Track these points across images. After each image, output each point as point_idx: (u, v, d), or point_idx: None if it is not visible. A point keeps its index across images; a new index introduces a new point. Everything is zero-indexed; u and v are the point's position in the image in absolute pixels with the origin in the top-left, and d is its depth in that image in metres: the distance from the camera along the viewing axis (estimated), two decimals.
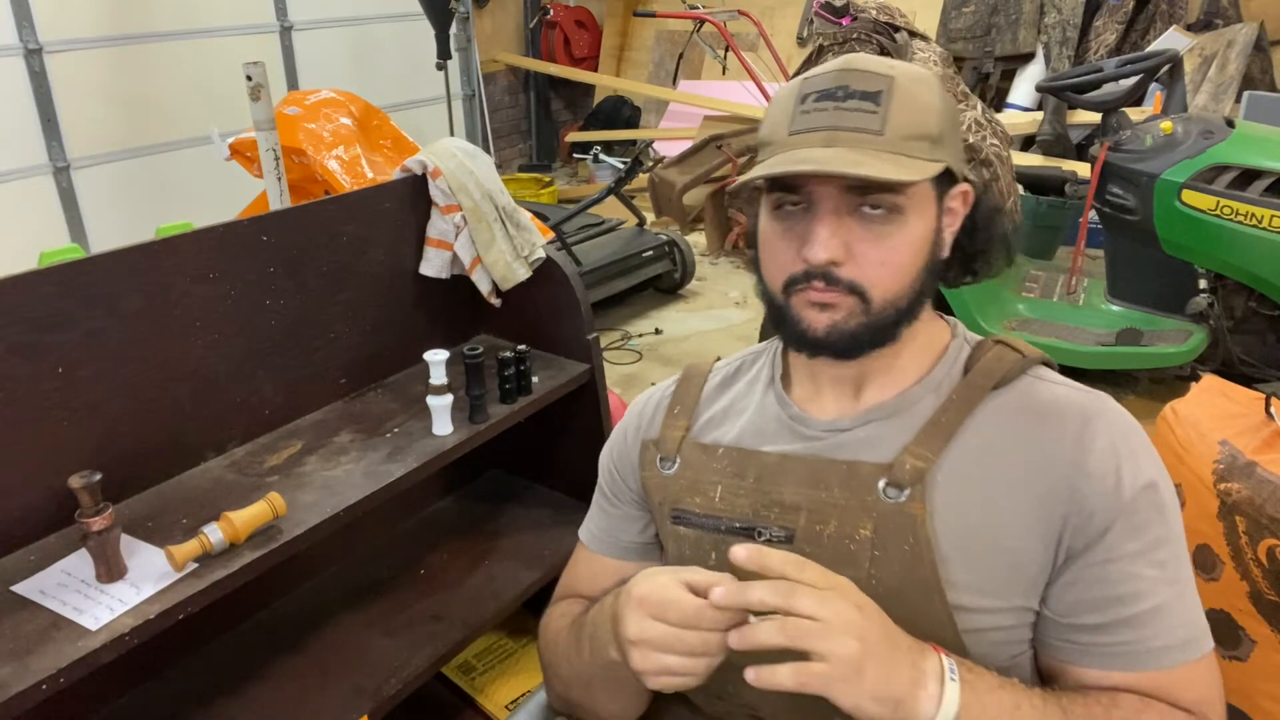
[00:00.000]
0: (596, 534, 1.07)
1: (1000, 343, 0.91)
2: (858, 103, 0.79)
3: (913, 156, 0.79)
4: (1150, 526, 0.80)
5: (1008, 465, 0.82)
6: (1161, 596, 0.79)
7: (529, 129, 6.55)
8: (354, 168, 2.45)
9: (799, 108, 0.82)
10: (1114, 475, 0.79)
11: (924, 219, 0.83)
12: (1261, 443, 1.70)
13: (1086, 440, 0.81)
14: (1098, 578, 0.79)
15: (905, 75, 0.82)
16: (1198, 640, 0.80)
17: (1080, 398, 0.85)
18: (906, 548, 0.81)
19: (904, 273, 0.83)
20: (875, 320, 0.83)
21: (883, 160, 0.78)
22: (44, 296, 1.24)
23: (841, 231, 0.80)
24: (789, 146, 0.81)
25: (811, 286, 0.82)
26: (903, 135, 0.79)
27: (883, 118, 0.79)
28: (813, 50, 2.93)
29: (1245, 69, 4.34)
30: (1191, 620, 0.80)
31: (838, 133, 0.79)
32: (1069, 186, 3.38)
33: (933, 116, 0.82)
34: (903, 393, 0.89)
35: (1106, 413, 0.84)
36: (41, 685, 1.01)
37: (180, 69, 3.96)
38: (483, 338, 1.95)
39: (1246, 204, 2.53)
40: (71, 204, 3.69)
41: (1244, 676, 1.69)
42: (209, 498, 1.37)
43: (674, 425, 0.99)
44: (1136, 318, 2.85)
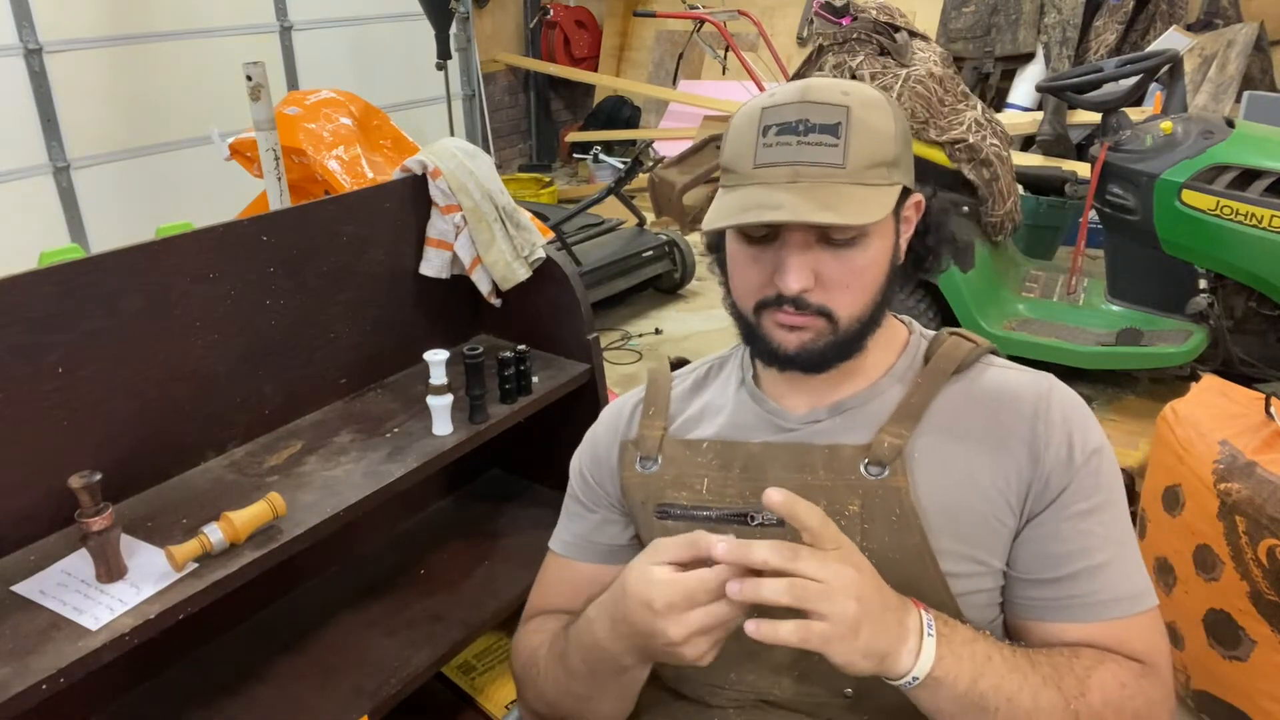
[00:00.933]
0: (573, 541, 1.07)
1: (954, 334, 0.99)
2: (818, 136, 0.83)
3: (873, 184, 0.84)
4: (1098, 489, 0.88)
5: (974, 439, 0.90)
6: (1109, 553, 0.87)
7: (529, 129, 6.55)
8: (354, 168, 2.45)
9: (761, 140, 0.85)
10: (1067, 444, 0.88)
11: (885, 238, 0.89)
12: (1261, 443, 1.70)
13: (1042, 413, 0.89)
14: (1053, 535, 0.87)
15: (860, 102, 0.85)
16: (1143, 594, 0.87)
17: (1032, 378, 0.94)
18: (894, 518, 0.87)
19: (868, 291, 0.89)
20: (843, 337, 0.89)
21: (846, 196, 0.82)
22: (44, 296, 1.24)
23: (810, 261, 0.85)
24: (754, 180, 0.85)
25: (782, 310, 0.88)
26: (863, 165, 0.83)
27: (843, 151, 0.83)
28: (813, 50, 2.94)
29: (1245, 69, 4.34)
30: (1136, 576, 0.88)
31: (801, 169, 0.83)
32: (1069, 186, 3.38)
33: (888, 141, 0.86)
34: (871, 385, 0.95)
35: (1056, 389, 0.92)
36: (41, 685, 1.01)
37: (180, 69, 3.96)
38: (483, 338, 1.95)
39: (1246, 204, 2.53)
40: (71, 204, 3.69)
41: (1244, 676, 1.69)
42: (209, 498, 1.37)
43: (652, 425, 1.01)
44: (1136, 318, 2.85)
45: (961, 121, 2.81)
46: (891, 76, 2.76)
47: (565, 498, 1.10)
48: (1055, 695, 0.80)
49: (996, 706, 0.78)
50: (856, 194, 0.82)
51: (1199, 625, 1.75)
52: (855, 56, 2.79)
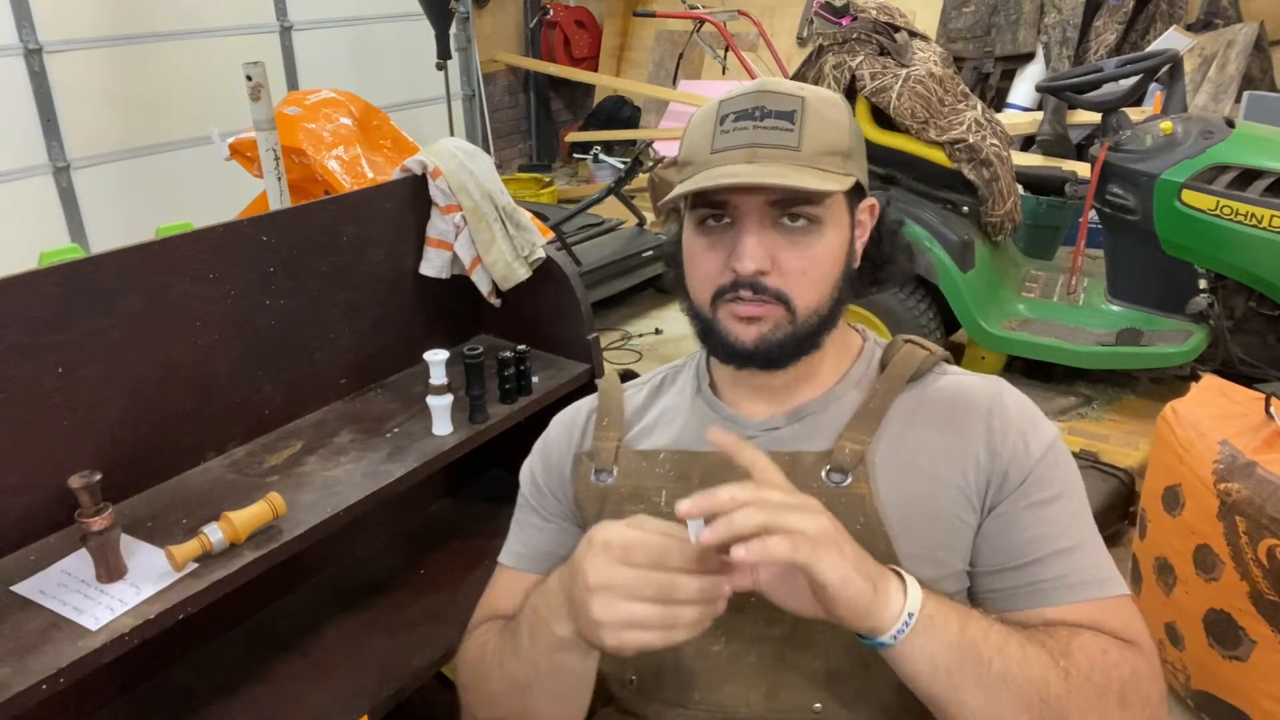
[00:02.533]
0: (525, 553, 1.04)
1: (909, 341, 0.99)
2: (774, 121, 0.85)
3: (828, 170, 0.85)
4: (1055, 480, 0.88)
5: (932, 443, 0.90)
6: (1073, 538, 0.86)
7: (529, 129, 6.55)
8: (354, 168, 2.45)
9: (719, 128, 0.87)
10: (1022, 439, 0.88)
11: (840, 230, 0.90)
12: (1261, 443, 1.70)
13: (996, 410, 0.90)
14: (1015, 524, 0.87)
15: (815, 96, 0.88)
16: (1114, 580, 0.86)
17: (984, 382, 0.95)
18: (858, 526, 0.86)
19: (825, 281, 0.89)
20: (800, 328, 0.88)
21: (802, 173, 0.83)
22: (44, 296, 1.24)
23: (766, 243, 0.86)
24: (712, 164, 0.85)
25: (739, 297, 0.87)
26: (818, 151, 0.85)
27: (799, 135, 0.85)
28: (813, 50, 2.94)
29: (1245, 69, 4.34)
30: (1103, 563, 0.87)
31: (758, 149, 0.84)
32: (1069, 186, 3.37)
33: (843, 134, 0.88)
34: (828, 391, 0.95)
35: (1007, 391, 0.93)
36: (41, 685, 1.01)
37: (180, 69, 3.96)
38: (483, 338, 1.95)
39: (1246, 204, 2.52)
40: (71, 204, 3.69)
41: (1244, 676, 1.69)
42: (209, 498, 1.37)
43: (606, 437, 1.00)
44: (1136, 318, 2.85)
45: (961, 121, 2.81)
46: (891, 76, 2.76)
47: (516, 510, 1.07)
48: (1041, 652, 0.78)
49: (990, 657, 0.76)
50: (810, 174, 0.83)
51: (1199, 625, 1.75)
52: (855, 56, 2.79)
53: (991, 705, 0.75)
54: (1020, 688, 0.75)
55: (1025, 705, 0.75)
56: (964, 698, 0.75)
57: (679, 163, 0.92)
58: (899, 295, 2.86)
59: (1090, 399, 2.89)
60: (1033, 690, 0.76)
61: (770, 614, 0.87)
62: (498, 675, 0.90)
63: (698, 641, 0.87)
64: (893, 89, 2.75)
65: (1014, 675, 0.75)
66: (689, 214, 0.90)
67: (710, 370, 1.01)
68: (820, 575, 0.69)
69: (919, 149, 2.84)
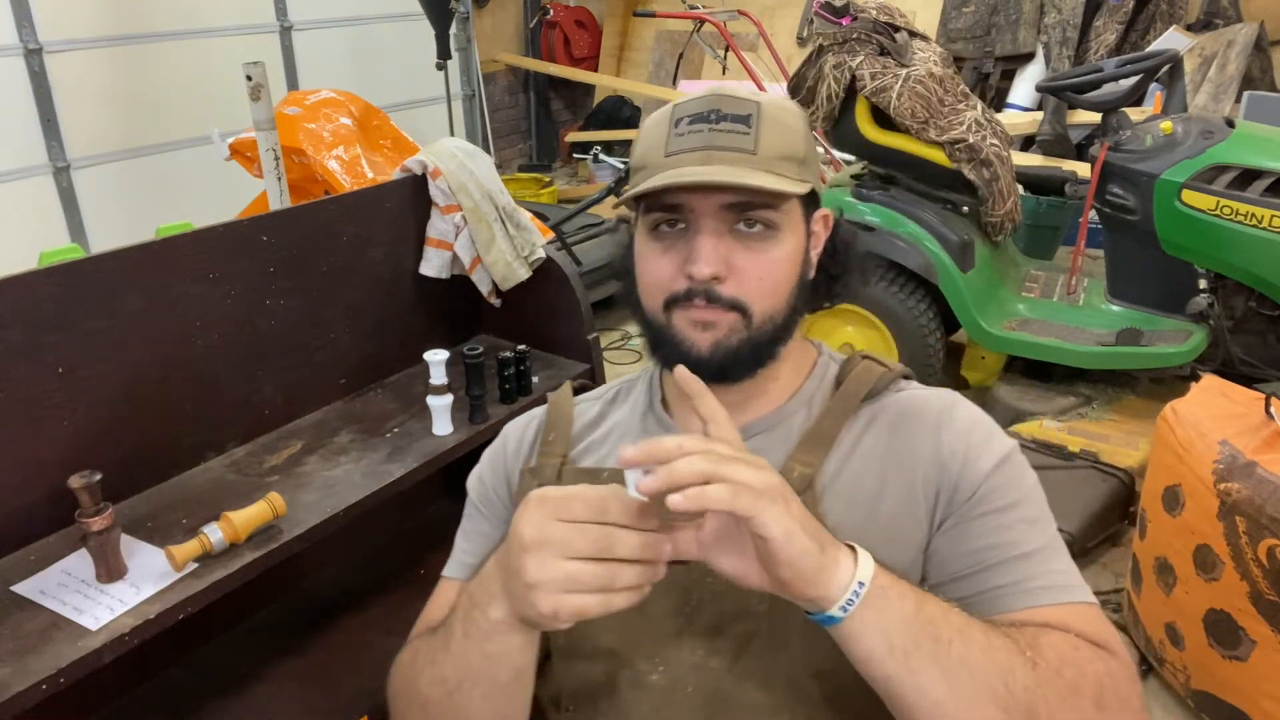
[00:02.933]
0: (473, 562, 0.99)
1: (866, 358, 0.96)
2: (730, 125, 0.83)
3: (784, 175, 0.83)
4: (1011, 489, 0.84)
5: (883, 464, 0.87)
6: (1034, 544, 0.82)
7: (529, 129, 6.55)
8: (354, 168, 2.45)
9: (673, 131, 0.85)
10: (974, 450, 0.85)
11: (796, 236, 0.87)
12: (1261, 443, 1.70)
13: (946, 425, 0.87)
14: (966, 534, 0.83)
15: (771, 102, 0.86)
16: (1079, 588, 0.82)
17: (935, 395, 0.92)
18: None
19: (781, 288, 0.86)
20: (756, 336, 0.85)
21: (758, 177, 0.81)
22: (44, 296, 1.24)
23: (722, 248, 0.83)
24: (666, 167, 0.83)
25: (694, 304, 0.84)
26: (774, 155, 0.83)
27: (755, 139, 0.83)
28: (813, 50, 2.94)
29: (1245, 69, 4.34)
30: (1067, 571, 0.82)
31: (714, 152, 0.82)
32: (1069, 186, 3.37)
33: (799, 140, 0.86)
34: (778, 408, 0.92)
35: (959, 403, 0.90)
36: (41, 685, 1.01)
37: (180, 69, 3.96)
38: (483, 338, 1.95)
39: (1246, 204, 2.52)
40: (71, 204, 3.69)
41: (1244, 676, 1.69)
42: (209, 498, 1.37)
43: (550, 453, 0.97)
44: (1136, 318, 2.85)
45: (961, 121, 2.81)
46: (891, 76, 2.76)
47: (463, 521, 1.04)
48: (1006, 640, 0.72)
49: (949, 638, 0.70)
50: (767, 178, 0.81)
51: (1199, 625, 1.75)
52: (855, 56, 2.79)
53: (954, 692, 0.69)
54: (985, 674, 0.70)
55: (990, 694, 0.69)
56: (922, 682, 0.69)
57: (631, 168, 0.89)
58: (899, 295, 2.86)
59: (1090, 399, 2.89)
60: (997, 678, 0.70)
61: (710, 643, 0.85)
62: (427, 677, 0.84)
63: (635, 670, 0.86)
64: (893, 89, 2.75)
65: (976, 660, 0.70)
66: (641, 219, 0.88)
67: (662, 385, 0.97)
68: (762, 528, 0.65)
69: (919, 149, 2.84)
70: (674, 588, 0.86)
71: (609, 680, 0.88)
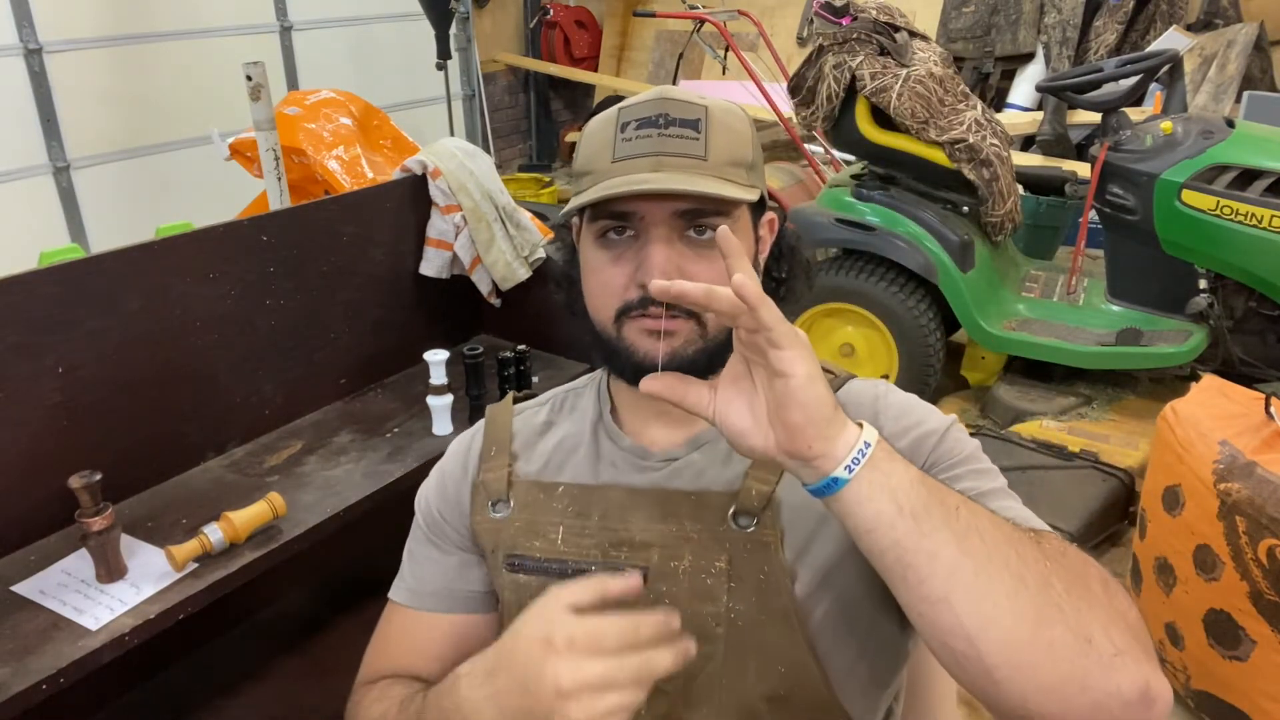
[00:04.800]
0: (424, 590, 0.96)
1: None
2: (679, 129, 0.81)
3: (734, 181, 0.81)
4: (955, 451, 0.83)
5: None
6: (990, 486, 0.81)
7: (529, 129, 6.55)
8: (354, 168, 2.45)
9: (620, 135, 0.82)
10: (916, 429, 0.84)
11: (746, 243, 0.85)
12: (1261, 443, 1.70)
13: (882, 409, 0.86)
14: None
15: (718, 106, 0.84)
16: (1038, 521, 0.78)
17: (869, 384, 0.91)
18: (761, 577, 0.81)
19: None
20: (711, 344, 0.82)
21: (711, 183, 0.79)
22: (44, 296, 1.24)
23: (674, 256, 0.80)
24: (614, 174, 0.81)
25: (647, 314, 0.81)
26: (724, 161, 0.81)
27: (705, 144, 0.81)
28: (813, 50, 2.94)
29: (1245, 69, 4.34)
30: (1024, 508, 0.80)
31: (664, 158, 0.80)
32: (1069, 186, 3.37)
33: (747, 145, 0.84)
34: None
35: (891, 390, 0.90)
36: (41, 685, 1.01)
37: (180, 69, 3.96)
38: (483, 338, 1.95)
39: (1246, 204, 2.53)
40: (71, 204, 3.69)
41: (1244, 676, 1.69)
42: (209, 498, 1.37)
43: (495, 466, 0.94)
44: (1136, 318, 2.85)
45: (961, 121, 2.81)
46: (891, 76, 2.76)
47: (409, 543, 1.00)
48: (1011, 524, 0.69)
49: (957, 504, 0.66)
50: (717, 184, 0.79)
51: (1199, 625, 1.75)
52: (855, 56, 2.79)
53: (968, 556, 0.64)
54: (996, 541, 0.65)
55: (1003, 561, 0.64)
56: (935, 545, 0.64)
57: (573, 174, 0.87)
58: (899, 295, 2.86)
59: (1090, 399, 2.89)
60: (1009, 546, 0.65)
61: None
62: None
63: None
64: (893, 89, 2.75)
65: (986, 528, 0.66)
66: (587, 227, 0.85)
67: (611, 394, 0.95)
68: (790, 363, 0.63)
69: (919, 149, 2.84)
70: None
71: None
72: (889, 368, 2.94)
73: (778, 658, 0.81)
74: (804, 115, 2.99)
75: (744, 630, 0.79)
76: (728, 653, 0.82)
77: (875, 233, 2.87)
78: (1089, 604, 0.65)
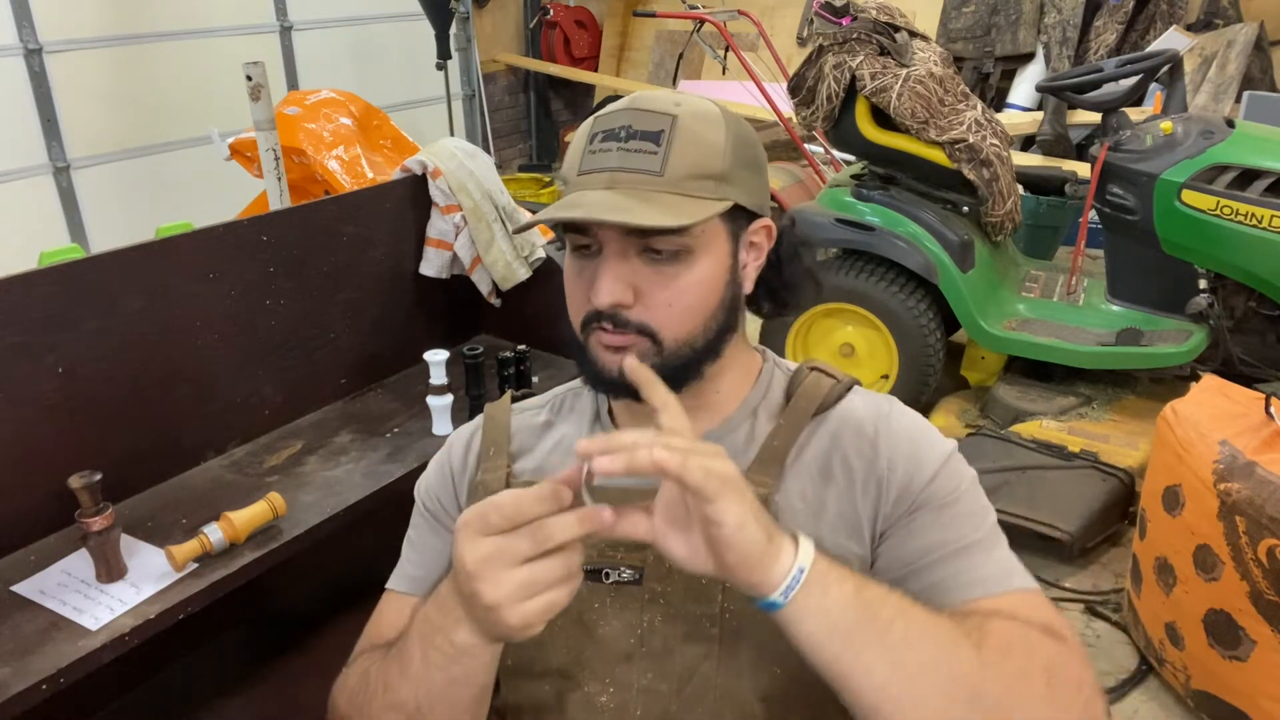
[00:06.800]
0: (420, 575, 0.97)
1: (815, 369, 0.93)
2: (639, 143, 0.80)
3: (694, 196, 0.79)
4: (949, 489, 0.83)
5: (830, 482, 0.86)
6: (970, 538, 0.81)
7: (529, 129, 6.55)
8: (354, 168, 2.45)
9: (588, 147, 0.82)
10: (915, 456, 0.84)
11: (715, 258, 0.83)
12: (1261, 443, 1.70)
13: (884, 431, 0.86)
14: (910, 534, 0.82)
15: (690, 113, 0.82)
16: (1019, 574, 0.81)
17: (873, 401, 0.90)
18: None
19: (695, 313, 0.83)
20: (670, 360, 0.82)
21: (659, 203, 0.78)
22: (44, 296, 1.24)
23: (627, 274, 0.80)
24: (577, 187, 0.81)
25: (602, 328, 0.82)
26: (683, 175, 0.79)
27: (662, 158, 0.79)
28: (813, 50, 2.94)
29: (1245, 69, 4.34)
30: (1008, 560, 0.82)
31: (619, 174, 0.80)
32: (1069, 186, 3.37)
33: (716, 155, 0.81)
34: (725, 420, 0.90)
35: (895, 409, 0.89)
36: (41, 685, 1.01)
37: (180, 69, 3.96)
38: (483, 338, 1.95)
39: (1246, 204, 2.52)
40: (71, 204, 3.69)
41: (1244, 676, 1.69)
42: (209, 498, 1.37)
43: (494, 467, 0.94)
44: (1136, 318, 2.85)
45: (961, 121, 2.81)
46: (891, 76, 2.76)
47: (409, 533, 1.01)
48: (949, 624, 0.72)
49: (890, 619, 0.69)
50: (671, 201, 0.78)
51: (1199, 625, 1.75)
52: (855, 56, 2.79)
53: (899, 673, 0.68)
54: (929, 655, 0.69)
55: (934, 675, 0.69)
56: (869, 663, 0.68)
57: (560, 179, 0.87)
58: (899, 295, 2.86)
59: (1090, 399, 2.88)
60: (942, 659, 0.69)
61: (659, 666, 0.84)
62: (381, 702, 0.82)
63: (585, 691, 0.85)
64: (893, 89, 2.75)
65: (919, 641, 0.69)
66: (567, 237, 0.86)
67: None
68: (719, 514, 0.65)
69: (919, 149, 2.84)
70: (626, 608, 0.85)
71: (558, 701, 0.87)
72: (889, 368, 2.94)
73: (773, 658, 0.81)
74: (804, 115, 2.99)
75: (739, 630, 0.80)
76: (723, 653, 0.83)
77: (875, 233, 2.86)
78: (1023, 710, 0.70)
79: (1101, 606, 2.20)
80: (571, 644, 0.85)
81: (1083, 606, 2.21)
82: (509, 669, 0.89)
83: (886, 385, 2.93)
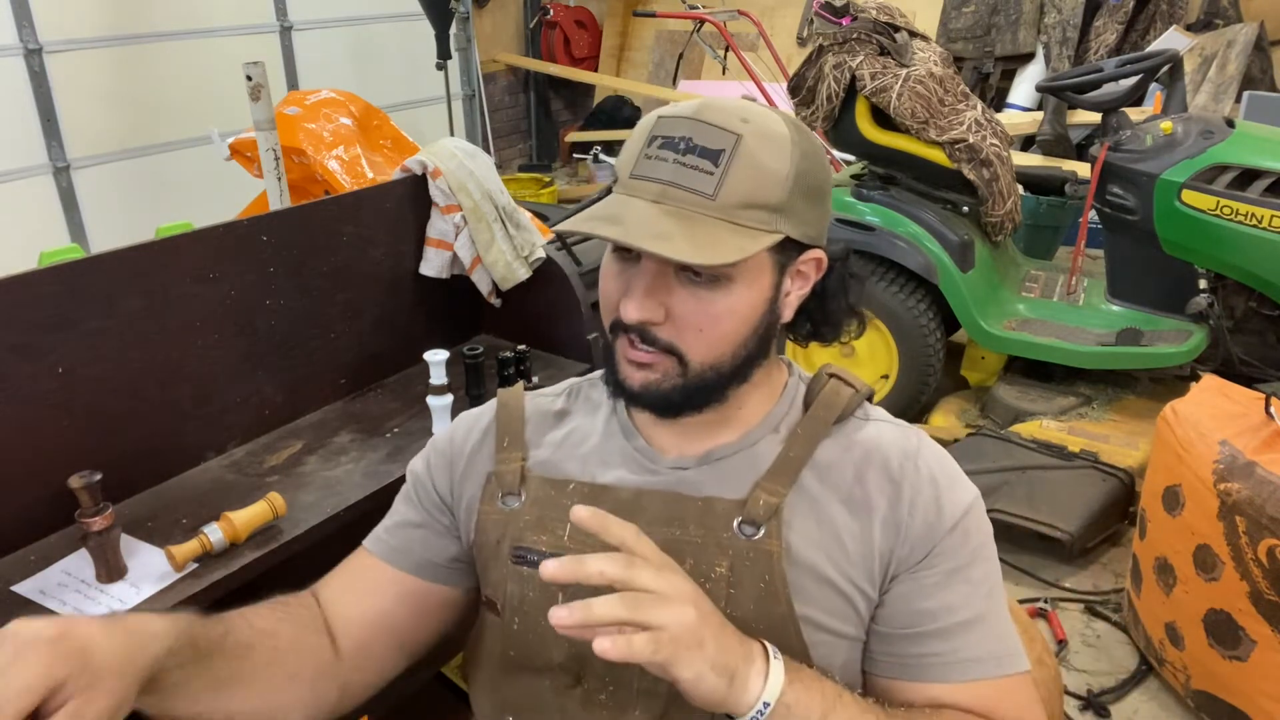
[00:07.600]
0: (393, 543, 0.97)
1: (834, 376, 0.92)
2: (696, 159, 0.76)
3: (744, 225, 0.76)
4: (966, 550, 0.83)
5: (845, 501, 0.85)
6: (973, 611, 0.82)
7: (529, 129, 6.55)
8: (354, 168, 2.45)
9: (645, 150, 0.78)
10: (935, 505, 0.83)
11: (755, 287, 0.80)
12: (1261, 443, 1.70)
13: (909, 472, 0.84)
14: (915, 592, 0.82)
15: (756, 133, 0.77)
16: (1011, 656, 0.83)
17: (901, 435, 0.88)
18: (762, 584, 0.81)
19: (725, 340, 0.81)
20: (693, 383, 0.81)
21: (704, 230, 0.75)
22: (44, 296, 1.24)
23: (661, 292, 0.78)
24: (627, 189, 0.78)
25: (629, 339, 0.80)
26: (736, 203, 0.76)
27: (718, 180, 0.75)
28: (813, 50, 2.94)
29: (1245, 69, 4.34)
30: (1004, 636, 0.83)
31: (670, 189, 0.76)
32: (1069, 186, 3.37)
33: (776, 184, 0.78)
34: (744, 434, 0.89)
35: (924, 446, 0.87)
36: None
37: (180, 69, 3.96)
38: (483, 338, 1.95)
39: (1246, 204, 2.52)
40: (71, 204, 3.69)
41: (1244, 676, 1.69)
42: (209, 498, 1.37)
43: (509, 458, 0.93)
44: (1136, 318, 2.85)
45: (961, 121, 2.81)
46: (891, 76, 2.76)
47: (398, 498, 1.01)
48: None
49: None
50: (717, 231, 0.75)
51: (1199, 625, 1.75)
52: (855, 56, 2.79)
53: None
54: None
55: None
56: None
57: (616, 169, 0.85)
58: (899, 295, 2.86)
59: (1090, 399, 2.89)
60: None
61: None
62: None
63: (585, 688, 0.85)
64: (893, 89, 2.75)
65: None
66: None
67: None
68: (676, 674, 0.68)
69: (919, 149, 2.84)
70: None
71: (557, 697, 0.87)
72: (889, 368, 2.94)
73: None
74: (804, 115, 2.99)
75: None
76: None
77: (875, 233, 2.86)
78: None
79: (1101, 606, 2.20)
80: (572, 641, 0.85)
81: (1083, 606, 2.21)
82: (510, 660, 0.89)
83: (887, 385, 2.94)
